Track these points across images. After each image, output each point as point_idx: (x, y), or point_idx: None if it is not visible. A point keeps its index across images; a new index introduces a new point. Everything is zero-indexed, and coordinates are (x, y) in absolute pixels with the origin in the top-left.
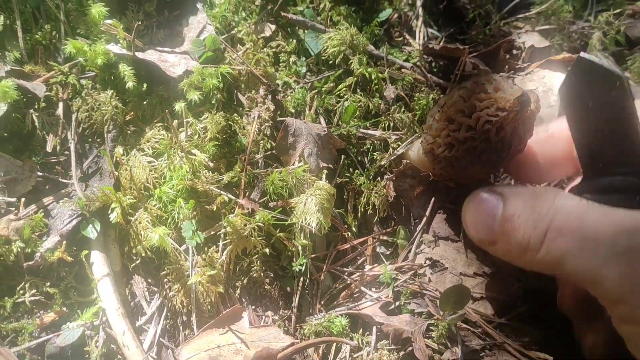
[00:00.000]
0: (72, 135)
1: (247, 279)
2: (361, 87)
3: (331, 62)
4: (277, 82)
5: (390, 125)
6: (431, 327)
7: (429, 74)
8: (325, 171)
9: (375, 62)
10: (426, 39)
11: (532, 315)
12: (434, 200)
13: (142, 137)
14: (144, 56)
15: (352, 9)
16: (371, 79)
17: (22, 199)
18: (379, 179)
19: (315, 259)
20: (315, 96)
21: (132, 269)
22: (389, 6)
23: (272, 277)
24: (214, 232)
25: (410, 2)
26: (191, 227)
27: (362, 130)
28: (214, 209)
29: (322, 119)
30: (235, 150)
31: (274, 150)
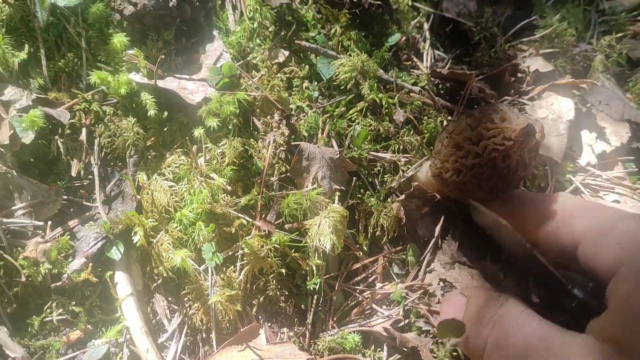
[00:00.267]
0: (95, 160)
1: (264, 297)
2: (371, 111)
3: (342, 87)
4: (290, 107)
5: (400, 148)
6: (437, 346)
7: (436, 97)
8: (337, 193)
9: (384, 86)
10: (433, 61)
11: None
12: (443, 219)
13: (163, 162)
14: (164, 84)
15: (362, 34)
16: (381, 104)
17: (49, 222)
18: (389, 200)
19: (328, 278)
20: (327, 120)
21: (153, 289)
22: (397, 30)
23: (287, 295)
24: (231, 253)
25: (417, 25)
26: (211, 249)
27: (372, 153)
28: (232, 231)
29: (334, 142)
30: (251, 173)
31: (289, 173)
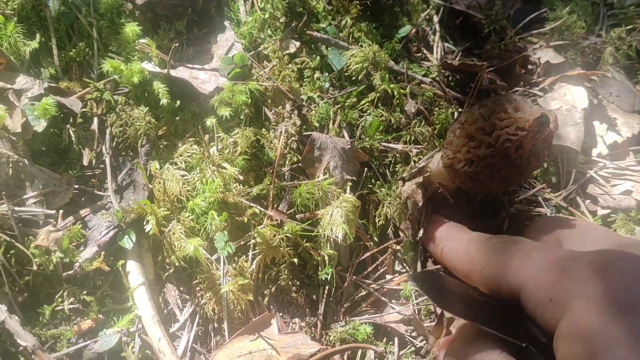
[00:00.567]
0: (107, 149)
1: (275, 287)
2: (383, 101)
3: (354, 77)
4: (301, 97)
5: (411, 138)
6: None
7: (447, 89)
8: (349, 183)
9: (395, 77)
10: (443, 54)
11: None
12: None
13: (175, 151)
14: (176, 73)
15: (373, 26)
16: (393, 94)
17: (60, 211)
18: (398, 191)
19: (338, 269)
20: (338, 111)
21: (165, 278)
22: (407, 22)
23: (298, 285)
24: (243, 243)
25: (427, 17)
26: (224, 238)
27: (384, 143)
28: (244, 221)
29: (345, 133)
30: (263, 163)
31: (301, 163)
